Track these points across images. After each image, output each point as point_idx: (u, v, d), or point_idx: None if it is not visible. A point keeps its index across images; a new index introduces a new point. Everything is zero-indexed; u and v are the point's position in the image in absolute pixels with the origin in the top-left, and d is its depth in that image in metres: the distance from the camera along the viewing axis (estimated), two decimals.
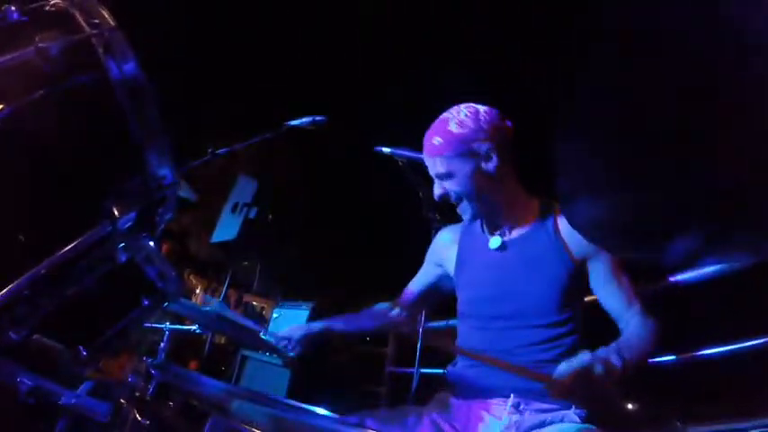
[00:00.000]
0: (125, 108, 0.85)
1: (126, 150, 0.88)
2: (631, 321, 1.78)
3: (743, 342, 2.43)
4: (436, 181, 1.96)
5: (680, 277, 2.59)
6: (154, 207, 0.94)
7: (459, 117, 1.89)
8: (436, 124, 1.95)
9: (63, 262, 0.96)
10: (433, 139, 1.91)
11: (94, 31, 0.88)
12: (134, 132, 0.86)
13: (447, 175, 1.90)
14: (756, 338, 2.37)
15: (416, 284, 2.27)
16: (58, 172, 0.88)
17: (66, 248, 0.93)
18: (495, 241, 1.98)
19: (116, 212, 0.89)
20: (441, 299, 2.27)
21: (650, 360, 1.71)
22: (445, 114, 1.95)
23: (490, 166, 1.87)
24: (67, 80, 0.86)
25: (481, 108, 1.92)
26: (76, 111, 0.89)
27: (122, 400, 1.00)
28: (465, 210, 1.95)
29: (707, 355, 2.57)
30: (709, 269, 2.45)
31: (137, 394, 0.96)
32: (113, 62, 0.85)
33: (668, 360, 2.64)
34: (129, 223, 0.92)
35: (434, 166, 1.93)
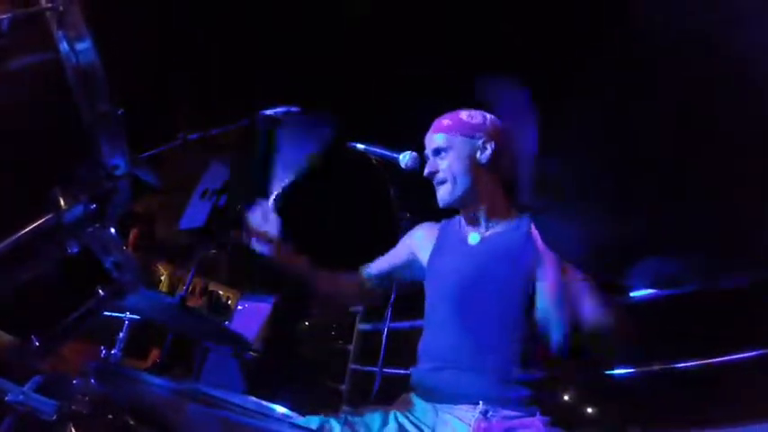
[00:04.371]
0: (75, 90, 0.78)
1: (76, 136, 0.82)
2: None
3: (708, 358, 2.48)
4: (431, 159, 2.12)
5: (641, 293, 2.63)
6: (105, 198, 0.88)
7: (471, 112, 2.12)
8: (449, 113, 2.15)
9: (6, 251, 0.89)
10: (443, 120, 2.13)
11: (49, 5, 0.81)
12: (84, 117, 0.80)
13: (444, 150, 2.07)
14: (723, 355, 2.43)
15: (384, 260, 2.36)
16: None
17: (9, 240, 0.86)
18: (473, 237, 2.08)
19: (62, 202, 0.84)
20: (400, 282, 2.32)
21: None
22: (459, 109, 2.16)
23: (483, 157, 2.04)
24: (18, 58, 0.80)
25: (490, 115, 2.13)
26: (23, 91, 0.82)
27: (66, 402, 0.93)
28: (445, 194, 2.07)
29: (671, 367, 2.62)
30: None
31: (73, 408, 0.90)
32: (66, 39, 0.78)
33: (629, 372, 2.68)
34: (78, 214, 0.86)
35: (435, 141, 2.10)
